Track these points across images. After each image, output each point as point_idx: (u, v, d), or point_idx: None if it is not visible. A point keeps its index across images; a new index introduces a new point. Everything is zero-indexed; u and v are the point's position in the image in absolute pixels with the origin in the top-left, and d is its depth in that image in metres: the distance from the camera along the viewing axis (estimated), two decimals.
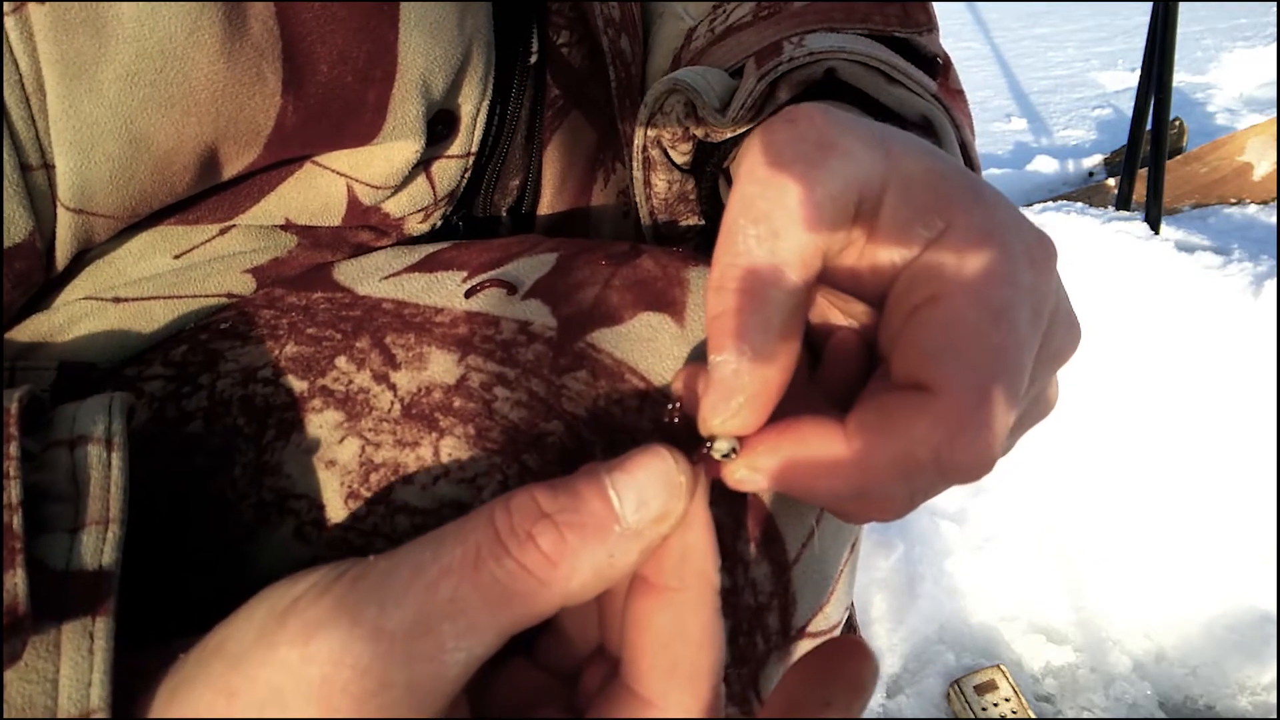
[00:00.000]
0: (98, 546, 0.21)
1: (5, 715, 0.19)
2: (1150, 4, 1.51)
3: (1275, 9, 3.28)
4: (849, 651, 0.24)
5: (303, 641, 0.19)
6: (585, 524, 0.20)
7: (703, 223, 0.42)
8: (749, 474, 0.24)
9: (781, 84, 0.35)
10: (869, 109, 0.35)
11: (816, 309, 0.30)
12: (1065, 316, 0.25)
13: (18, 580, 0.19)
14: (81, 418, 0.24)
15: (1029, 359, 0.22)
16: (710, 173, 0.40)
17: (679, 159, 0.39)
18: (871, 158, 0.23)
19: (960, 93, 0.43)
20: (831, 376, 0.27)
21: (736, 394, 0.23)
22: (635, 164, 0.40)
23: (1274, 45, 2.91)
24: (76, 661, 0.20)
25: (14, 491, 0.20)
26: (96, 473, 0.23)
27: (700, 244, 0.42)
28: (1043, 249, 0.23)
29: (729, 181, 0.41)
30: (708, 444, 0.23)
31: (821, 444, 0.23)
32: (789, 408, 0.24)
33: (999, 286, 0.22)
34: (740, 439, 0.23)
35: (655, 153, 0.39)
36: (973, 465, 0.21)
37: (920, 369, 0.22)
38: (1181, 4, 1.48)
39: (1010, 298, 0.22)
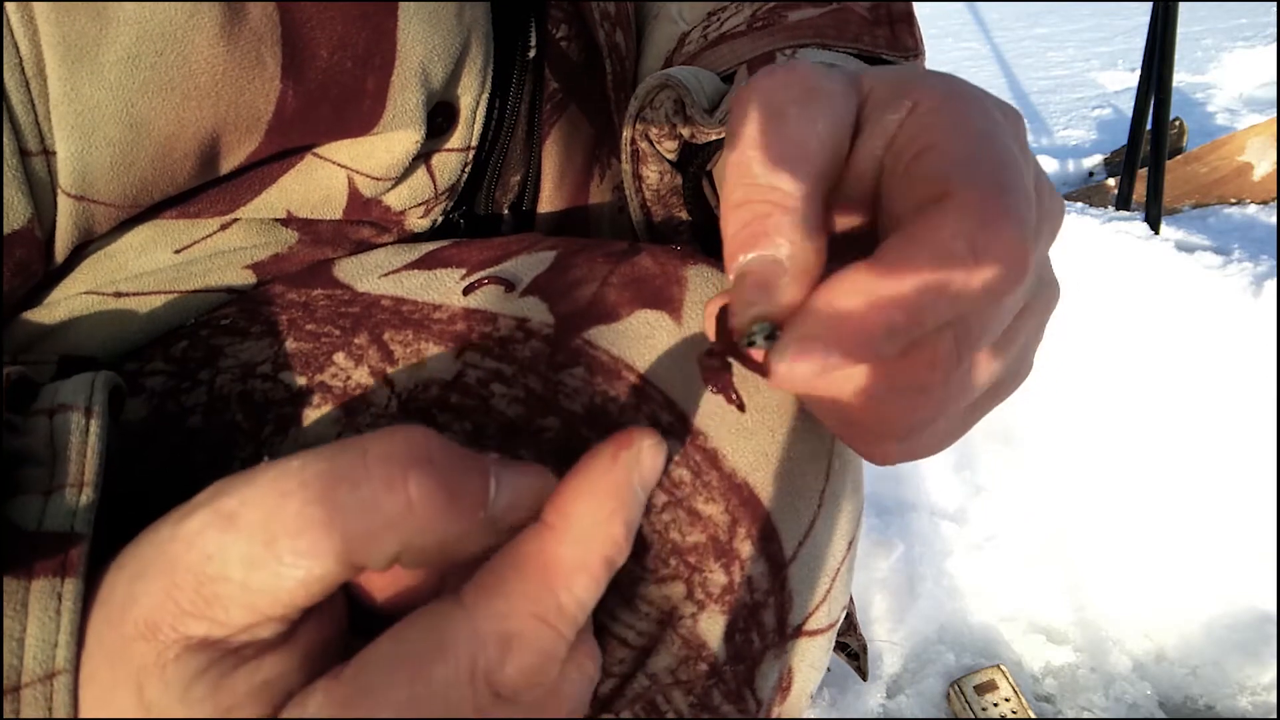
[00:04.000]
0: (70, 509, 0.22)
1: None
2: (1150, 4, 1.51)
3: (1275, 9, 3.28)
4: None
5: (178, 520, 0.20)
6: (458, 493, 0.20)
7: (692, 218, 0.42)
8: (799, 346, 0.22)
9: None
10: None
11: None
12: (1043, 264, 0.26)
13: None
14: (64, 390, 0.24)
15: (1028, 181, 0.23)
16: (694, 174, 0.40)
17: (667, 154, 0.39)
18: (848, 94, 0.25)
19: None
20: None
21: (777, 278, 0.23)
22: (624, 156, 0.40)
23: (1274, 45, 2.91)
24: (44, 621, 0.20)
25: None
26: (75, 438, 0.23)
27: (693, 238, 0.42)
28: (1011, 110, 0.25)
29: (712, 185, 0.41)
30: (748, 337, 0.23)
31: (857, 282, 0.22)
32: None
33: (977, 119, 0.23)
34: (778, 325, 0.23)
35: (644, 145, 0.39)
36: (1009, 254, 0.21)
37: (930, 192, 0.22)
38: (1181, 4, 1.48)
39: (990, 127, 0.23)
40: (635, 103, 0.38)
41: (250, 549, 0.19)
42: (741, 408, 0.28)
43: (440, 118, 0.37)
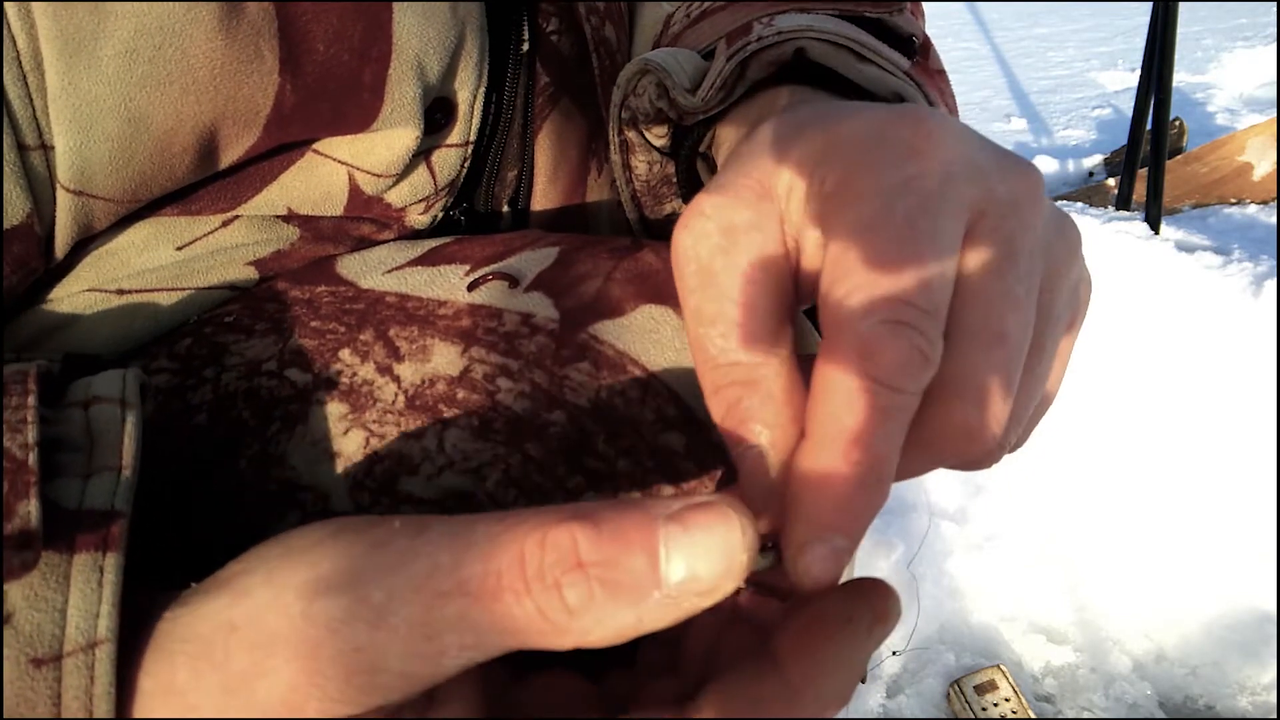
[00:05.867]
0: (110, 489, 0.22)
1: (13, 643, 0.19)
2: (1150, 4, 1.51)
3: (1275, 9, 3.28)
4: (876, 585, 0.22)
5: (308, 596, 0.19)
6: (621, 582, 0.18)
7: (683, 205, 0.42)
8: (813, 565, 0.21)
9: (751, 63, 0.35)
10: (840, 88, 0.35)
11: None
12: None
13: (31, 509, 0.20)
14: (97, 384, 0.24)
15: (930, 246, 0.21)
16: (686, 156, 0.40)
17: (656, 141, 0.39)
18: (762, 208, 0.24)
19: (941, 73, 0.43)
20: None
21: (772, 470, 0.22)
22: (613, 147, 0.40)
23: (1274, 45, 2.91)
24: (85, 593, 0.20)
25: (31, 433, 0.21)
26: (111, 426, 0.23)
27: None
28: (918, 133, 0.23)
29: (709, 165, 0.41)
30: (767, 546, 0.22)
31: (812, 469, 0.21)
32: None
33: (869, 199, 0.22)
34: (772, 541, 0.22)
35: (632, 134, 0.39)
36: (905, 362, 0.20)
37: (832, 301, 0.21)
38: (1181, 4, 1.48)
39: (879, 207, 0.21)
40: (618, 92, 0.38)
41: (410, 644, 0.18)
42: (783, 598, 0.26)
43: (439, 114, 0.38)
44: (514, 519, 0.19)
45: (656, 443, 0.30)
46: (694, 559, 0.18)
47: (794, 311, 0.24)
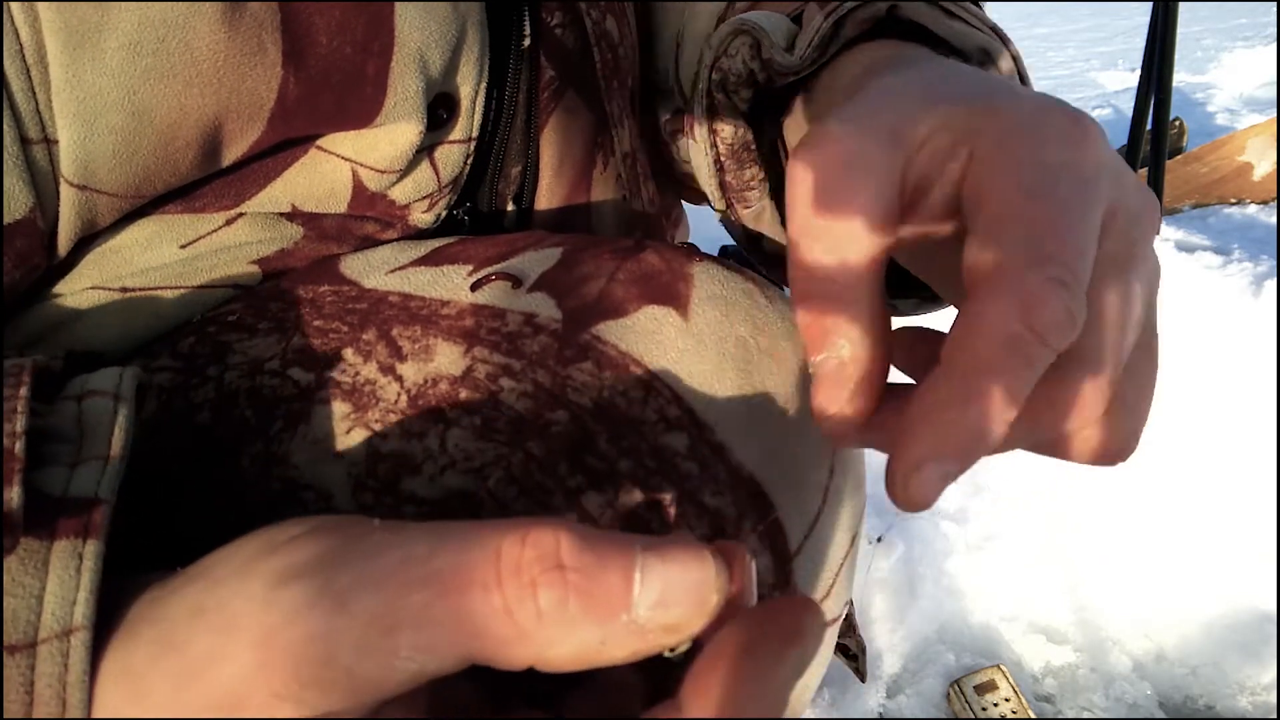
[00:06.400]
0: (95, 478, 0.22)
1: None
2: (1150, 4, 1.51)
3: (1275, 9, 3.28)
4: (786, 605, 0.21)
5: (275, 583, 0.18)
6: (594, 596, 0.18)
7: (763, 173, 0.42)
8: (916, 477, 0.21)
9: (847, 21, 0.35)
10: (929, 44, 0.35)
11: None
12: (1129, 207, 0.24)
13: (13, 495, 0.20)
14: (93, 379, 0.24)
15: (1084, 225, 0.22)
16: (769, 129, 0.40)
17: (741, 104, 0.40)
18: (890, 153, 0.24)
19: None
20: None
21: (845, 383, 0.24)
22: (699, 110, 0.40)
23: (1274, 45, 2.91)
24: (64, 579, 0.20)
25: (20, 422, 0.21)
26: (102, 418, 0.23)
27: (769, 191, 0.43)
28: (1077, 127, 0.24)
29: (784, 145, 0.41)
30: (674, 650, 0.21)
31: (938, 391, 0.21)
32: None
33: (1027, 169, 0.23)
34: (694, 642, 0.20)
35: (720, 97, 0.40)
36: (1056, 323, 0.21)
37: (985, 259, 0.22)
38: (1181, 4, 1.48)
39: (1041, 176, 0.23)
40: (709, 53, 0.39)
41: (365, 637, 0.18)
42: None
43: (441, 110, 0.38)
44: (499, 521, 0.19)
45: (658, 443, 0.30)
46: (666, 588, 0.18)
47: (887, 257, 0.25)
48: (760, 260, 0.47)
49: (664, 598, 0.18)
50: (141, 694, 0.19)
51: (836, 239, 0.24)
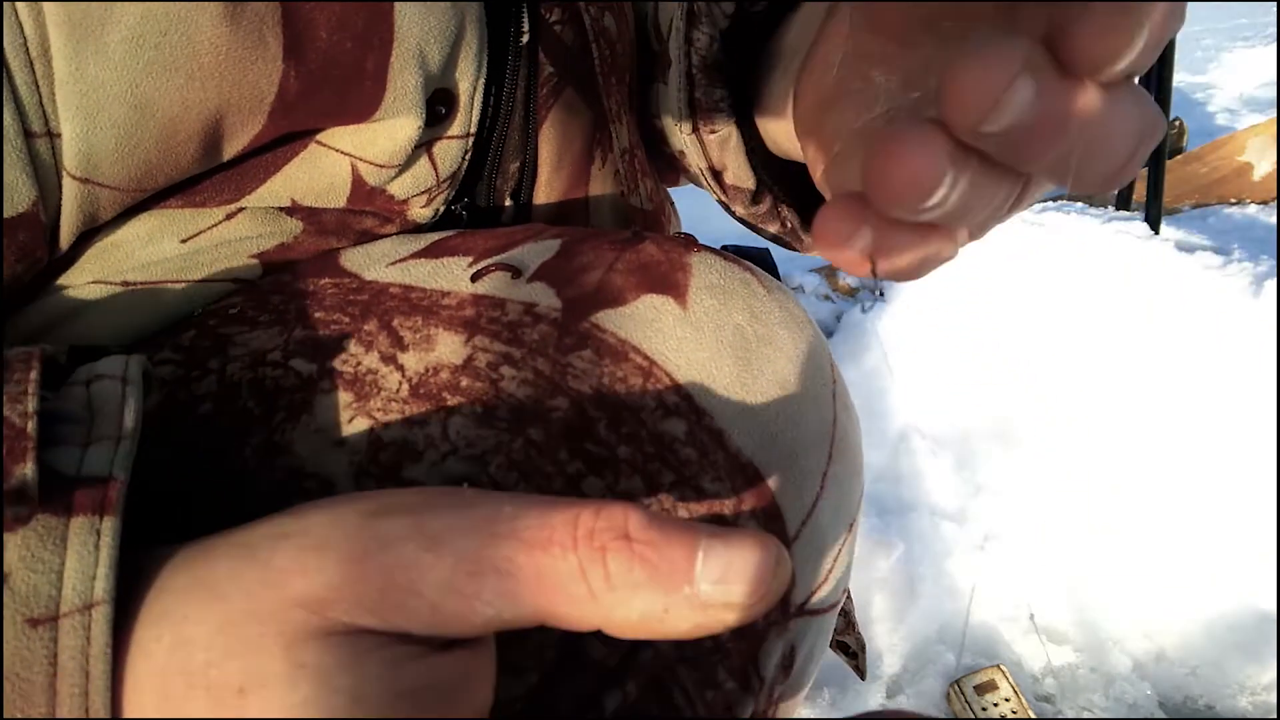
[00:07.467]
0: (108, 457, 0.22)
1: (10, 603, 0.19)
2: None
3: (1275, 9, 3.29)
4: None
5: (370, 515, 0.20)
6: (659, 566, 0.19)
7: (732, 99, 0.43)
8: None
9: None
10: None
11: None
12: None
13: (28, 471, 0.20)
14: (100, 365, 0.25)
15: None
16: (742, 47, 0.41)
17: (720, 22, 0.40)
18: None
19: None
20: None
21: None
22: (677, 15, 0.41)
23: (1274, 45, 2.91)
24: (82, 555, 0.20)
25: (31, 403, 0.21)
26: (111, 400, 0.23)
27: (733, 113, 0.43)
28: None
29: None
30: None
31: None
32: None
33: None
34: None
35: (700, 3, 0.40)
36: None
37: None
38: None
39: None
40: None
41: (453, 577, 0.19)
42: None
43: (440, 105, 0.38)
44: (577, 499, 0.21)
45: (658, 429, 0.30)
46: (727, 568, 0.20)
47: None
48: (720, 190, 0.47)
49: (726, 575, 0.19)
50: (219, 598, 0.20)
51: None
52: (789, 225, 0.47)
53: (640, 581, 0.19)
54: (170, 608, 0.20)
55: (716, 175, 0.46)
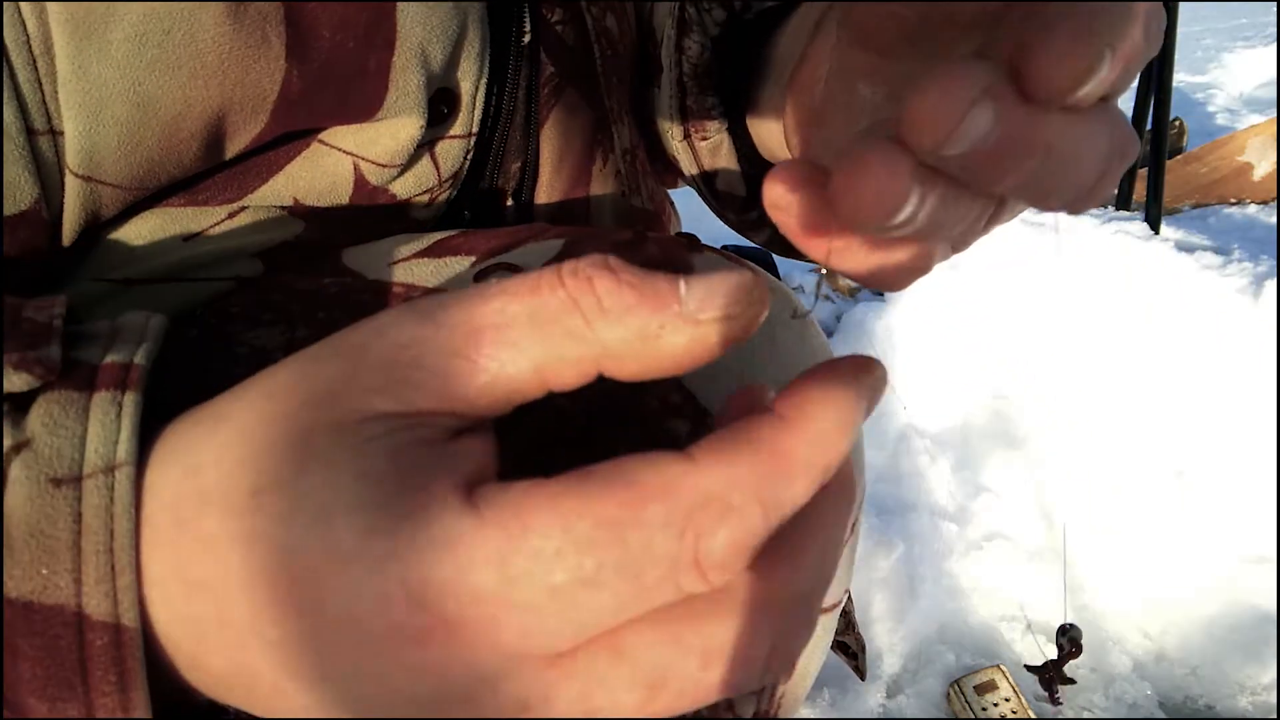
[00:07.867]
0: (130, 351, 0.22)
1: (32, 464, 0.20)
2: None
3: (1275, 9, 3.29)
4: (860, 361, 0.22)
5: (364, 326, 0.21)
6: (644, 290, 0.20)
7: (723, 106, 0.43)
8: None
9: None
10: None
11: None
12: None
13: (52, 350, 0.21)
14: (122, 318, 0.25)
15: None
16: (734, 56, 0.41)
17: (712, 27, 0.41)
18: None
19: None
20: None
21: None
22: (669, 24, 0.41)
23: (1274, 45, 2.91)
24: (105, 423, 0.20)
25: (58, 309, 0.22)
26: (135, 322, 0.24)
27: (727, 123, 0.43)
28: None
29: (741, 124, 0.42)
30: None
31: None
32: None
33: None
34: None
35: (691, 10, 0.40)
36: None
37: None
38: (1181, 4, 1.48)
39: None
40: None
41: (450, 340, 0.20)
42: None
43: (442, 105, 0.38)
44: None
45: (661, 428, 0.30)
46: (709, 287, 0.20)
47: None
48: (712, 197, 0.47)
49: (709, 294, 0.20)
50: (222, 420, 0.20)
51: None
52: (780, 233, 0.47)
53: (631, 303, 0.19)
54: (175, 446, 0.21)
55: (709, 182, 0.46)
